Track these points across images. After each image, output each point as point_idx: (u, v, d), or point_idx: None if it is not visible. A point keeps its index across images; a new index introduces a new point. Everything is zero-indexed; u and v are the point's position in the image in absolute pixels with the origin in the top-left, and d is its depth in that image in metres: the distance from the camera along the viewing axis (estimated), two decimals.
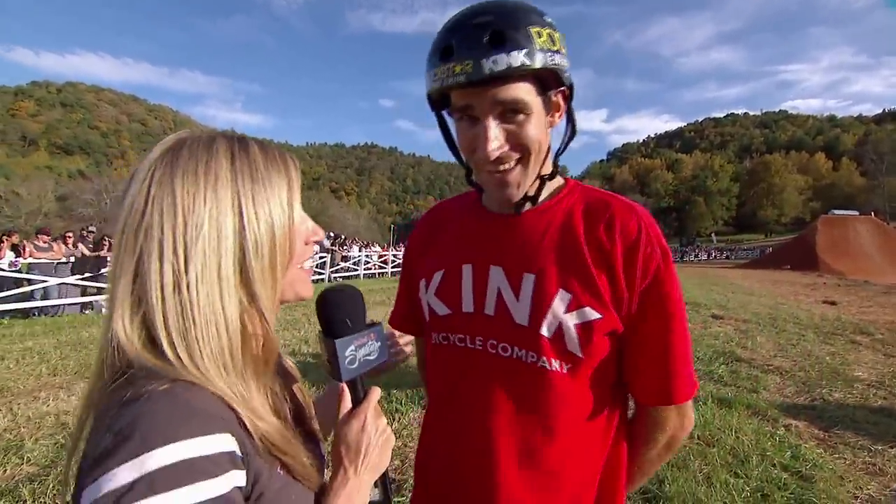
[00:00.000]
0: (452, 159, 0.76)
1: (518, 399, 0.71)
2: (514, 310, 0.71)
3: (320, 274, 15.42)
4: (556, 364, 0.69)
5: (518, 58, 0.61)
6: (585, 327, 0.68)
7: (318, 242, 0.64)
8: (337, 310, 0.65)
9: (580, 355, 0.69)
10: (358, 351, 0.63)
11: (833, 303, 10.33)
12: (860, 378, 4.47)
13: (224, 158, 0.52)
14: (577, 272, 0.70)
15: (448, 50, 0.64)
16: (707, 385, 4.23)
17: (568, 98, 0.72)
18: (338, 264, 16.59)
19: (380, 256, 20.51)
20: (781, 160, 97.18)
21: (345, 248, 18.40)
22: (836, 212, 33.60)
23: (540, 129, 0.68)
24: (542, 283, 0.70)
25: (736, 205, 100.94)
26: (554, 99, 0.70)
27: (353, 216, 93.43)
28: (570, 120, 0.74)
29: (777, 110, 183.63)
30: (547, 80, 0.67)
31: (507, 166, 0.69)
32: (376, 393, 0.64)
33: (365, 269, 18.20)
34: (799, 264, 24.85)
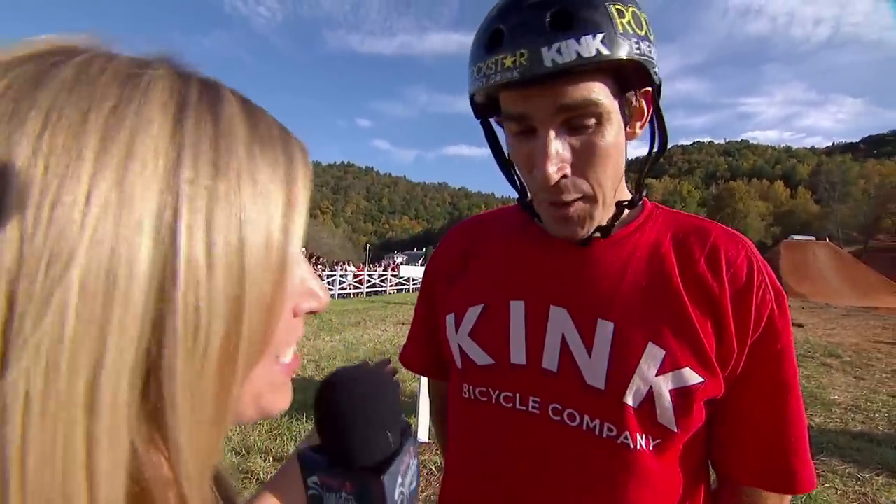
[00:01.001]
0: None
1: (590, 481, 0.55)
2: (586, 367, 0.55)
3: None
4: (641, 441, 0.53)
5: (592, 45, 0.45)
6: (683, 394, 0.53)
7: (316, 312, 0.32)
8: (360, 413, 0.35)
9: (674, 430, 0.53)
10: (405, 483, 0.35)
11: (800, 325, 10.61)
12: (837, 402, 4.49)
13: (160, 113, 0.23)
14: (671, 321, 0.54)
15: (497, 36, 0.48)
16: None
17: (653, 100, 0.55)
18: None
19: (355, 276, 20.13)
20: (744, 187, 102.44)
21: (318, 267, 18.00)
22: (796, 237, 35.38)
23: (616, 143, 0.52)
24: (625, 334, 0.54)
25: None
26: (635, 103, 0.54)
27: (329, 235, 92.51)
28: (660, 126, 0.57)
29: (739, 139, 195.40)
30: (629, 77, 0.51)
31: (570, 196, 0.52)
32: None
33: (339, 290, 17.77)
34: None
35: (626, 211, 0.60)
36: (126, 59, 0.24)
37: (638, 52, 0.48)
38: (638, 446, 0.53)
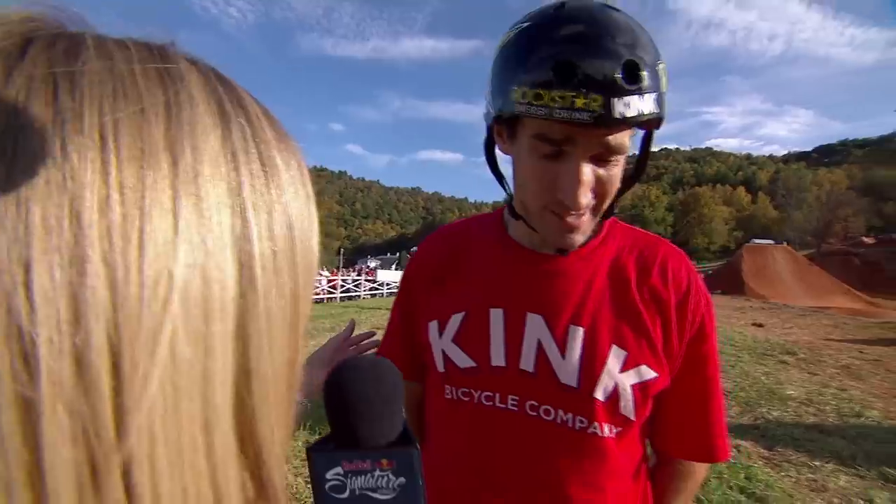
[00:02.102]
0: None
1: (564, 470, 0.62)
2: (560, 368, 0.62)
3: None
4: (607, 429, 0.61)
5: (650, 104, 0.50)
6: (642, 388, 0.61)
7: None
8: (348, 407, 0.38)
9: (633, 419, 0.61)
10: (350, 479, 0.37)
11: (761, 325, 11.13)
12: (793, 396, 4.75)
13: (208, 116, 0.21)
14: (631, 325, 0.62)
15: (569, 71, 0.48)
16: None
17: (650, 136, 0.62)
18: None
19: (329, 281, 19.83)
20: (709, 193, 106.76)
21: None
22: (757, 241, 37.00)
23: (621, 172, 0.59)
24: (594, 338, 0.61)
25: (671, 233, 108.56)
26: None
27: None
28: (645, 157, 0.65)
29: (704, 147, 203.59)
30: (648, 125, 0.57)
31: (582, 213, 0.58)
32: None
33: (313, 295, 17.44)
34: (728, 289, 26.78)
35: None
36: (139, 45, 0.21)
37: (665, 108, 0.54)
38: (604, 434, 0.61)
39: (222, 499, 0.19)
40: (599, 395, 0.60)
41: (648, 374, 0.61)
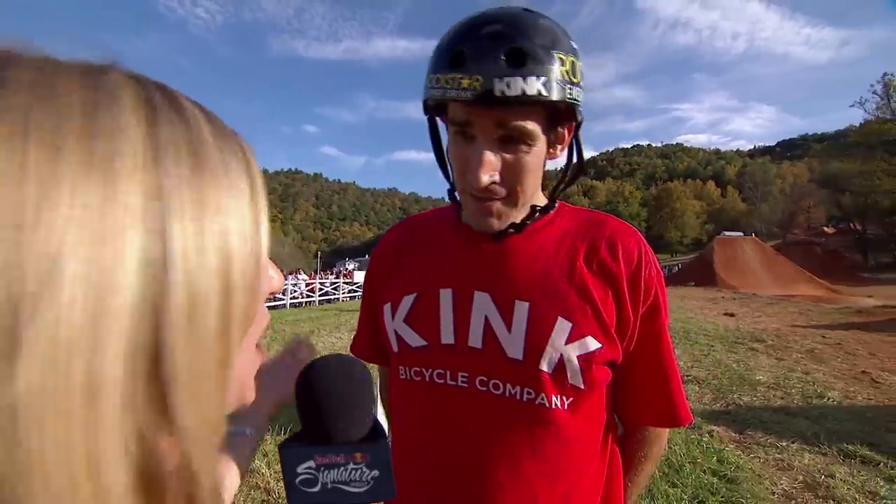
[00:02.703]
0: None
1: (515, 442, 0.63)
2: (506, 342, 0.63)
3: None
4: (556, 401, 0.62)
5: (535, 85, 0.54)
6: (587, 358, 0.62)
7: (274, 292, 0.34)
8: (320, 404, 0.39)
9: (582, 388, 0.63)
10: (322, 473, 0.38)
11: (732, 314, 11.55)
12: (761, 381, 4.96)
13: (134, 117, 0.22)
14: (577, 298, 0.63)
15: (459, 57, 0.55)
16: None
17: (574, 130, 0.65)
18: None
19: (307, 285, 19.58)
20: (681, 187, 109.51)
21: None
22: (727, 233, 38.15)
23: (538, 162, 0.62)
24: (539, 312, 0.63)
25: (645, 227, 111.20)
26: (560, 131, 0.64)
27: (277, 243, 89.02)
28: (578, 154, 0.68)
29: (674, 143, 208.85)
30: (559, 114, 0.61)
31: (493, 197, 0.62)
32: None
33: (291, 299, 17.26)
34: (701, 280, 27.64)
35: (539, 202, 0.70)
36: (76, 62, 0.23)
37: (570, 96, 0.58)
38: (553, 405, 0.62)
39: (102, 461, 0.19)
40: (545, 366, 0.62)
41: (594, 344, 0.62)
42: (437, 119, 0.68)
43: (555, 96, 0.56)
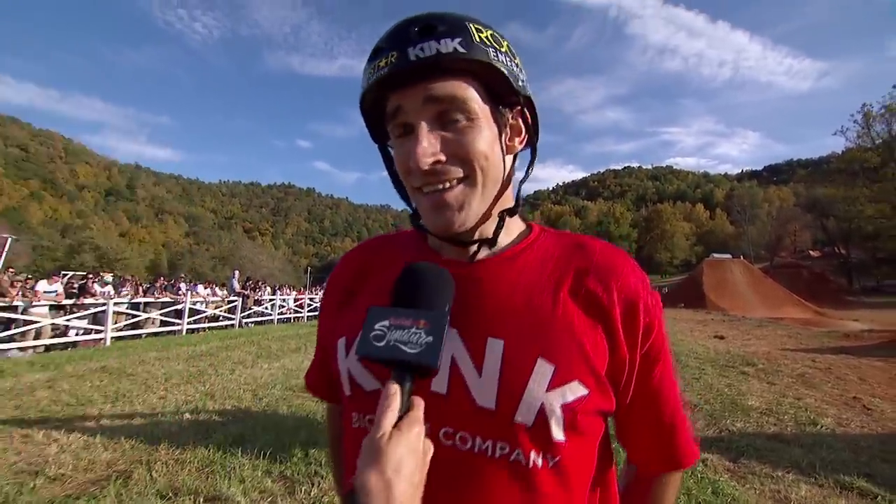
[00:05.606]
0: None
1: (484, 502, 0.52)
2: (476, 388, 0.53)
3: (230, 319, 14.08)
4: (535, 458, 0.52)
5: (450, 45, 0.52)
6: (573, 408, 0.52)
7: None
8: (419, 284, 0.52)
9: (565, 443, 0.53)
10: (392, 332, 0.48)
11: (722, 337, 11.53)
12: (754, 407, 4.89)
13: None
14: (561, 336, 0.54)
15: (377, 51, 0.55)
16: None
17: (531, 123, 0.61)
18: (250, 308, 15.29)
19: (296, 300, 19.31)
20: (671, 209, 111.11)
21: (258, 291, 17.06)
22: (716, 255, 38.61)
23: (489, 142, 0.55)
24: (515, 352, 0.53)
25: (636, 248, 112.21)
26: (512, 121, 0.60)
27: (268, 257, 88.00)
28: (531, 148, 0.63)
29: (665, 165, 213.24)
30: (493, 85, 0.56)
31: (445, 185, 0.55)
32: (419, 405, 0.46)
33: (279, 315, 16.96)
34: (690, 302, 27.77)
35: (512, 228, 0.64)
36: None
37: (496, 60, 0.54)
38: (531, 463, 0.52)
39: None
40: (521, 418, 0.51)
41: (580, 390, 0.52)
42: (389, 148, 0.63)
43: (475, 54, 0.53)
